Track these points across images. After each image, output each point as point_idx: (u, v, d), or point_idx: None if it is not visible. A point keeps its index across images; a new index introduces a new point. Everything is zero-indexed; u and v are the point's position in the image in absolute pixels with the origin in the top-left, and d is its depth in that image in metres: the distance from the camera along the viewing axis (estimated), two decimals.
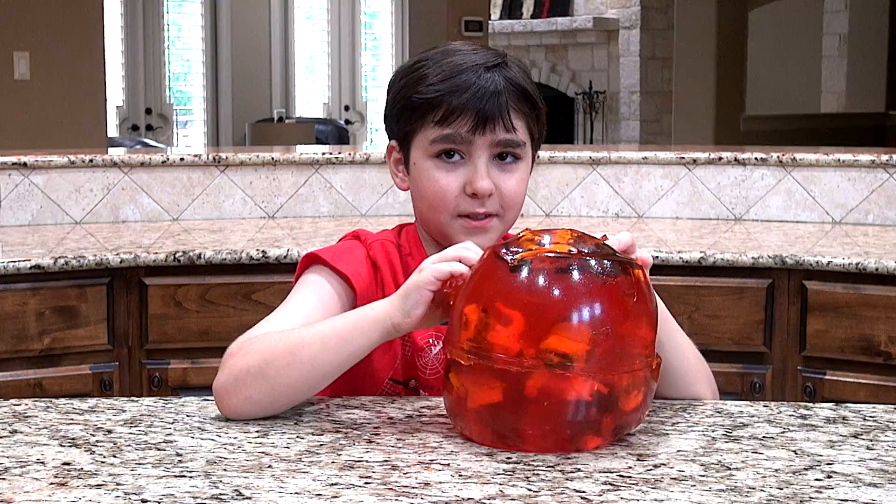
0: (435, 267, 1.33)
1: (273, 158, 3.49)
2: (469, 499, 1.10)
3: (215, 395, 1.38)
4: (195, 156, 3.50)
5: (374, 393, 1.54)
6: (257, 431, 1.33)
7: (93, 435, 1.30)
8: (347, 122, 12.18)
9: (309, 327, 1.40)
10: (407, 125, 1.55)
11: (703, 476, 1.18)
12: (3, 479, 1.15)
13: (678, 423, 1.38)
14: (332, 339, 1.36)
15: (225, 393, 1.37)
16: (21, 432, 1.32)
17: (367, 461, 1.22)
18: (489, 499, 1.11)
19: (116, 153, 3.67)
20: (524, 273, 1.24)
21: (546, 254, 1.25)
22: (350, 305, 1.50)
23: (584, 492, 1.12)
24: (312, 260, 1.55)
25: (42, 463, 1.20)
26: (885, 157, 3.34)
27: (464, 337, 1.27)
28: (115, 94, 10.69)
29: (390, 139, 1.62)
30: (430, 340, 1.55)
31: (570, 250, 1.26)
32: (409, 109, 1.54)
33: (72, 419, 1.37)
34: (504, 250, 1.27)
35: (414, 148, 1.56)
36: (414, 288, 1.33)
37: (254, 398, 1.36)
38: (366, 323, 1.36)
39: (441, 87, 1.51)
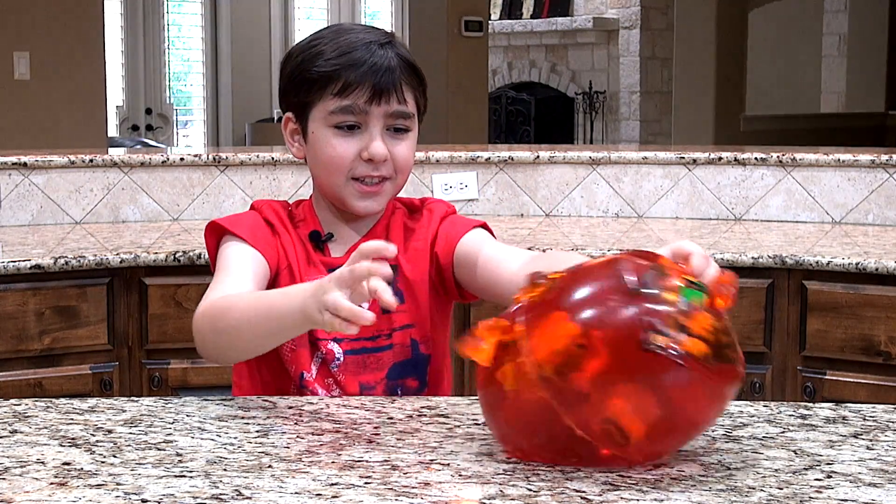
0: (335, 302, 1.30)
1: (273, 158, 3.49)
2: (469, 499, 1.10)
3: (196, 343, 1.59)
4: (195, 156, 3.50)
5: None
6: (257, 431, 1.33)
7: (93, 435, 1.30)
8: None
9: (245, 304, 1.53)
10: (305, 97, 1.68)
11: (703, 476, 1.18)
12: (3, 479, 1.15)
13: None
14: (259, 331, 1.49)
15: (199, 347, 1.59)
16: (21, 432, 1.32)
17: (367, 461, 1.22)
18: (489, 499, 1.11)
19: (116, 153, 3.66)
20: (647, 357, 1.14)
21: (684, 350, 1.15)
22: (260, 261, 1.66)
23: (584, 492, 1.12)
24: (220, 231, 1.70)
25: (42, 463, 1.20)
26: (885, 157, 3.34)
27: (545, 350, 1.16)
28: (115, 94, 10.69)
29: (284, 112, 1.74)
30: None
31: (706, 354, 1.17)
32: (307, 82, 1.67)
33: (72, 419, 1.37)
34: (648, 321, 1.15)
35: (312, 119, 1.69)
36: (322, 292, 1.33)
37: (211, 356, 1.59)
38: (286, 321, 1.44)
39: (338, 61, 1.65)
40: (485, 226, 1.75)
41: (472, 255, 1.69)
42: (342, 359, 1.67)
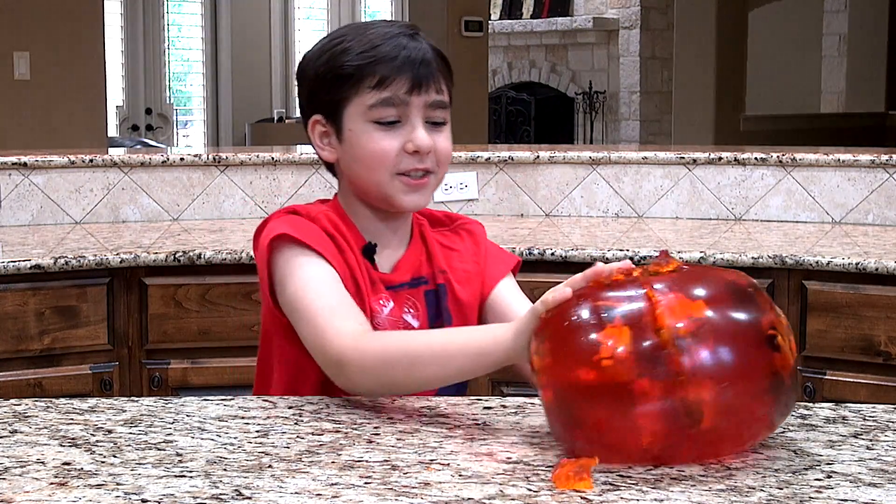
0: (538, 307, 1.28)
1: (273, 158, 3.49)
2: (469, 499, 1.11)
3: (339, 371, 1.46)
4: (195, 156, 3.50)
5: None
6: (257, 431, 1.33)
7: (93, 435, 1.30)
8: None
9: (424, 339, 1.46)
10: (338, 94, 1.61)
11: (703, 476, 1.18)
12: (3, 479, 1.15)
13: None
14: (451, 365, 1.40)
15: (349, 383, 1.46)
16: (21, 432, 1.32)
17: (367, 461, 1.22)
18: (489, 499, 1.11)
19: (116, 153, 3.67)
20: (764, 354, 1.21)
21: (792, 360, 1.23)
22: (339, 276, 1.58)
23: (584, 492, 1.12)
24: (285, 241, 1.58)
25: (42, 463, 1.20)
26: (885, 157, 3.34)
27: (685, 317, 1.19)
28: (115, 94, 10.70)
29: (310, 116, 1.66)
30: (381, 302, 1.62)
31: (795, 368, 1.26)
32: (340, 79, 1.60)
33: (72, 419, 1.37)
34: (772, 324, 1.23)
35: (348, 116, 1.61)
36: (524, 331, 1.30)
37: (372, 391, 1.46)
38: (486, 361, 1.37)
39: (372, 53, 1.59)
40: (518, 263, 1.77)
41: (501, 304, 1.69)
42: None
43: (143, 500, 1.09)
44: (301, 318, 1.52)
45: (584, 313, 1.22)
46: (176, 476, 1.16)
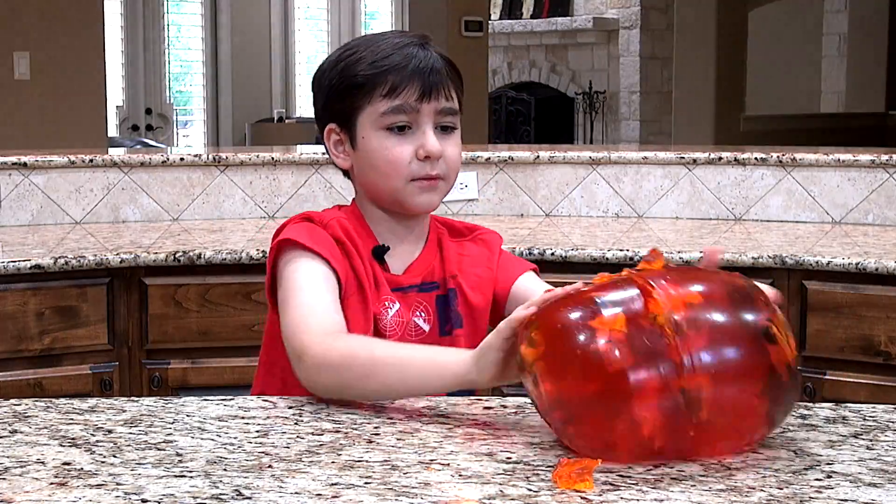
0: (502, 326, 1.33)
1: (273, 158, 3.49)
2: (469, 499, 1.11)
3: (297, 365, 1.49)
4: (195, 156, 3.50)
5: None
6: (257, 431, 1.33)
7: (93, 435, 1.30)
8: None
9: (389, 348, 1.49)
10: (352, 103, 1.66)
11: (703, 476, 1.18)
12: (3, 479, 1.15)
13: None
14: (410, 373, 1.43)
15: (307, 377, 1.48)
16: (21, 432, 1.32)
17: (367, 461, 1.22)
18: (489, 499, 1.11)
19: (116, 153, 3.67)
20: (762, 348, 1.22)
21: (790, 353, 1.23)
22: (336, 281, 1.61)
23: (584, 492, 1.13)
24: (289, 244, 1.62)
25: (42, 463, 1.20)
26: (885, 157, 3.34)
27: (680, 302, 1.21)
28: (115, 94, 10.70)
29: (326, 124, 1.71)
30: (386, 304, 1.65)
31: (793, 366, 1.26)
32: (353, 87, 1.65)
33: (72, 419, 1.37)
34: (768, 319, 1.24)
35: (361, 124, 1.66)
36: (487, 349, 1.35)
37: (328, 389, 1.47)
38: (446, 373, 1.40)
39: (384, 63, 1.64)
40: (536, 270, 1.79)
41: (525, 294, 1.69)
42: None
43: (143, 500, 1.09)
44: (285, 312, 1.57)
45: (578, 306, 1.23)
46: (176, 476, 1.16)
